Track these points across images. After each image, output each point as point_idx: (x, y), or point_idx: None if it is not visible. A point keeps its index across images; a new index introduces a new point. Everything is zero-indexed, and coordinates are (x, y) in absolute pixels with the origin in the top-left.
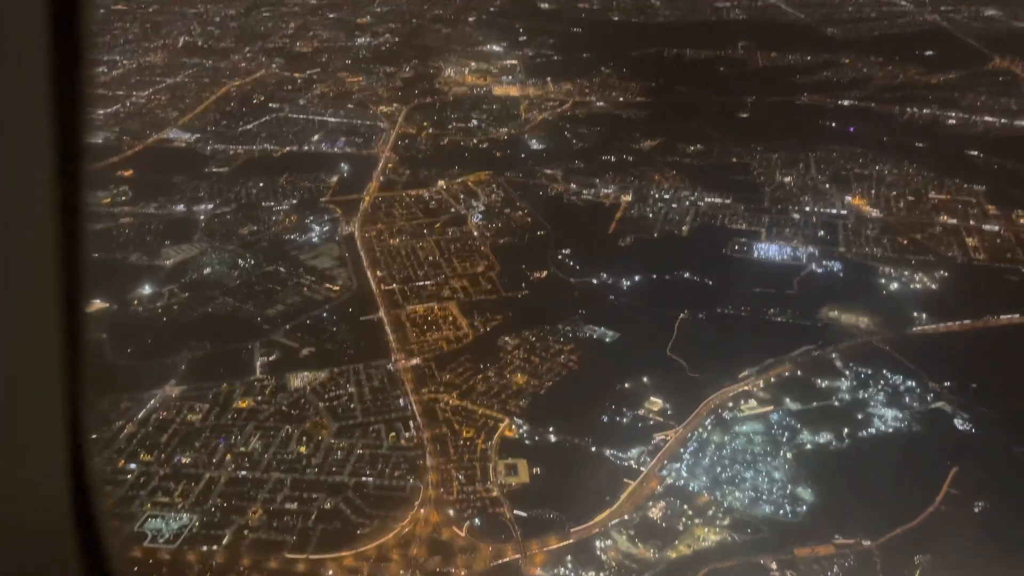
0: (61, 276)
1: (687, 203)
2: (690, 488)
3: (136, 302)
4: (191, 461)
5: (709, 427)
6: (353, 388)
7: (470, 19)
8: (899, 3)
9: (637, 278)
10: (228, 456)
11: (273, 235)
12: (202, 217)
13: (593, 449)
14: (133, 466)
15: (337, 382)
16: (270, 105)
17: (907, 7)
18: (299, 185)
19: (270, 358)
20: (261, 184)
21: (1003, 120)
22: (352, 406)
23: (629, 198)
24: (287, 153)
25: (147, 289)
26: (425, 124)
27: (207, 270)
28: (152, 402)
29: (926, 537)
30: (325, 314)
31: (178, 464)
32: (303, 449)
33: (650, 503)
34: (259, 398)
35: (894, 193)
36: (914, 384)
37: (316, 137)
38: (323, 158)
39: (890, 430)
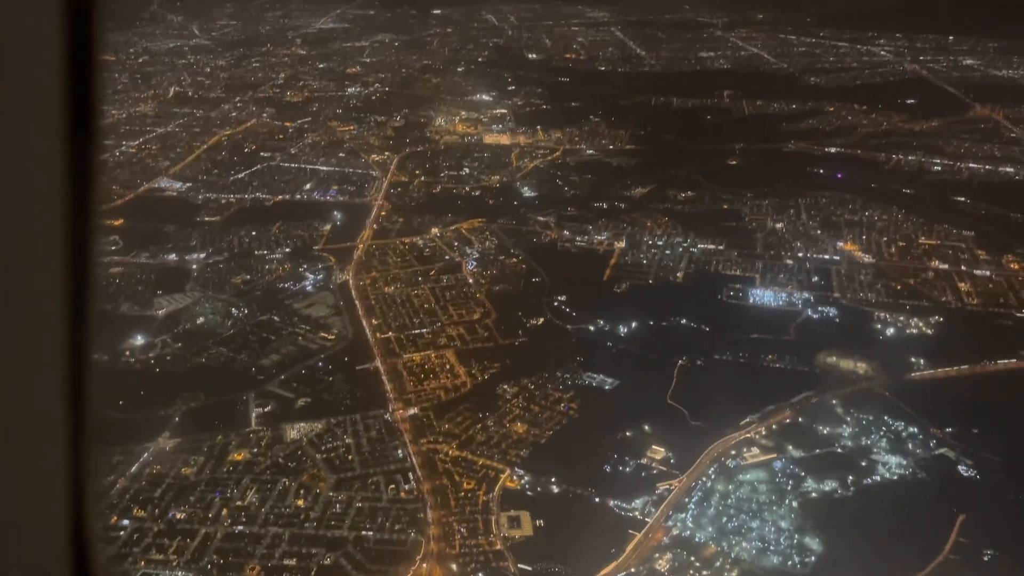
0: (67, 321)
1: (680, 249)
2: (696, 539)
3: (128, 353)
4: (186, 516)
5: (713, 476)
6: (351, 439)
7: (459, 69)
8: (879, 53)
9: (634, 324)
10: (224, 510)
11: (266, 284)
12: (194, 266)
13: (596, 500)
14: (126, 522)
15: (334, 433)
16: (261, 154)
17: (887, 57)
18: (292, 234)
19: (265, 409)
20: (254, 233)
21: (987, 166)
22: (350, 457)
23: (622, 245)
24: (279, 202)
25: (139, 340)
26: (417, 172)
27: (200, 320)
28: (145, 456)
29: None
30: (320, 364)
31: (173, 519)
32: (301, 502)
33: (656, 555)
34: (255, 450)
35: (885, 239)
36: (916, 430)
37: (308, 186)
38: (316, 206)
39: (895, 477)
